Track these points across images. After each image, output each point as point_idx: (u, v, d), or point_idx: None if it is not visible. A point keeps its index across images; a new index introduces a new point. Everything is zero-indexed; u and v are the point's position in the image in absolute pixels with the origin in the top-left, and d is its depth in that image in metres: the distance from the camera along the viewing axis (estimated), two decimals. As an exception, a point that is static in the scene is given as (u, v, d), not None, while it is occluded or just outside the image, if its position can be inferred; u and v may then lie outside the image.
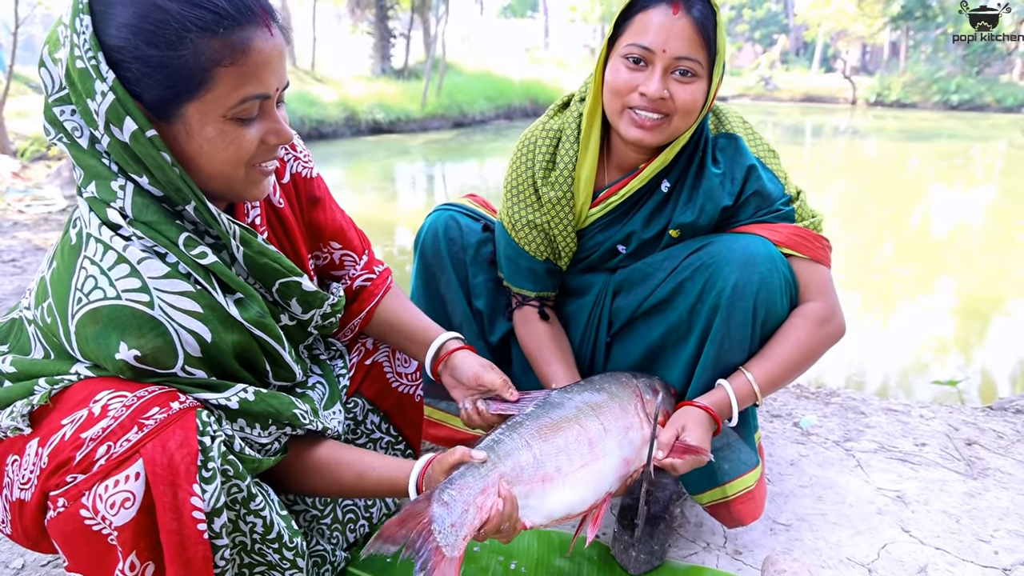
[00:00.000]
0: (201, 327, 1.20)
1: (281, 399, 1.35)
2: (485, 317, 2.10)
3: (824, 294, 1.76)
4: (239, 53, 1.13)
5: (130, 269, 1.15)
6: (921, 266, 7.04)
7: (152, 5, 1.09)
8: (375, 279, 1.73)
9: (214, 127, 1.17)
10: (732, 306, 1.68)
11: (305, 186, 1.58)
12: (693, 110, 1.67)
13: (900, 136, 19.76)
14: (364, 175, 13.18)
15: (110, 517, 1.07)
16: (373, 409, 1.81)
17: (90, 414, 1.11)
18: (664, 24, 1.60)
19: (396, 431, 1.86)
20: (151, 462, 1.10)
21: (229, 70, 1.13)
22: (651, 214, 1.83)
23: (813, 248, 1.76)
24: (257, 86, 1.17)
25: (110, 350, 1.14)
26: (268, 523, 1.30)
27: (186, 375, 1.21)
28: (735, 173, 1.77)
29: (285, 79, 1.24)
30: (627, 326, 1.91)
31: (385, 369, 1.82)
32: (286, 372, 1.43)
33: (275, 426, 1.35)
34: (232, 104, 1.16)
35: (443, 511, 1.27)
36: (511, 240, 1.93)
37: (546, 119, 1.91)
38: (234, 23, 1.12)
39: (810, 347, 1.73)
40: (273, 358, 1.38)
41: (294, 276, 1.39)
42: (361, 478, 1.44)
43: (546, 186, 1.86)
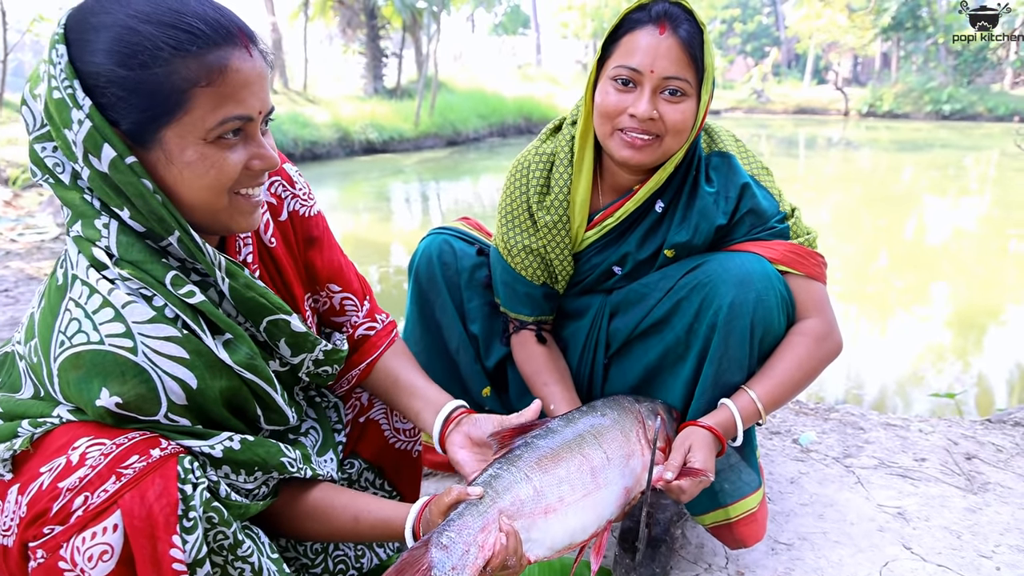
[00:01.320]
0: (187, 373, 1.17)
1: (268, 447, 1.32)
2: (481, 341, 2.09)
3: (821, 311, 1.76)
4: (216, 73, 1.12)
5: (114, 313, 1.12)
6: (916, 277, 7.04)
7: (126, 28, 1.08)
8: (379, 330, 1.69)
9: (194, 151, 1.14)
10: (730, 324, 1.67)
11: (302, 225, 1.55)
12: (684, 129, 1.67)
13: (893, 147, 19.86)
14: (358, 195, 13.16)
15: (89, 570, 1.05)
16: (369, 467, 1.78)
17: (68, 462, 1.09)
18: (651, 45, 1.61)
19: (391, 486, 1.82)
20: (129, 514, 1.07)
21: (206, 91, 1.11)
22: (646, 235, 1.83)
23: (808, 265, 1.76)
24: (236, 107, 1.15)
25: (91, 396, 1.11)
26: (257, 568, 1.26)
27: (169, 422, 1.18)
28: (729, 191, 1.77)
29: (269, 104, 1.21)
30: (625, 347, 1.90)
31: (383, 427, 1.78)
32: (279, 416, 1.39)
33: (261, 471, 1.32)
34: (211, 126, 1.13)
35: (442, 555, 1.22)
36: (507, 266, 1.93)
37: (539, 143, 1.91)
38: (209, 43, 1.11)
39: (810, 364, 1.73)
40: (265, 402, 1.35)
41: (282, 314, 1.35)
42: (356, 521, 1.40)
43: (541, 210, 1.85)
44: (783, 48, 48.33)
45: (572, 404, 1.85)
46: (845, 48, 36.00)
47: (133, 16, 1.09)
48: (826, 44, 36.94)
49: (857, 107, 31.79)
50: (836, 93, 33.76)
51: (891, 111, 30.39)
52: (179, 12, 1.11)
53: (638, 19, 1.64)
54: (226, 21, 1.14)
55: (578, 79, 34.54)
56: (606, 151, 1.76)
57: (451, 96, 23.21)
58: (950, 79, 30.63)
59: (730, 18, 48.08)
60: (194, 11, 1.12)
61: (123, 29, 1.08)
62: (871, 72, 41.77)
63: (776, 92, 37.56)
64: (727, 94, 36.61)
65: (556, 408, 1.84)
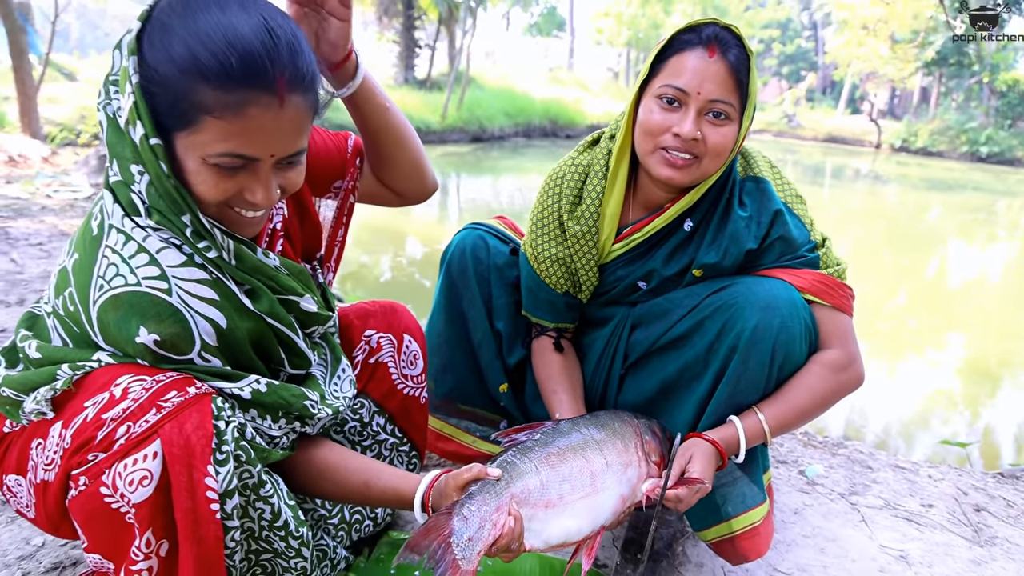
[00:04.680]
0: (217, 314, 1.24)
1: (292, 391, 1.38)
2: (505, 338, 2.10)
3: (844, 343, 1.75)
4: (230, 111, 1.12)
5: (149, 258, 1.19)
6: (933, 320, 6.98)
7: (180, 31, 1.11)
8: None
9: (193, 163, 1.18)
10: (750, 348, 1.67)
11: None
12: (724, 152, 1.68)
13: (923, 185, 19.69)
14: None
15: (128, 495, 1.11)
16: (379, 411, 1.82)
17: (111, 396, 1.15)
18: (699, 67, 1.62)
19: (401, 433, 1.86)
20: (168, 442, 1.13)
21: (217, 122, 1.13)
22: (672, 252, 1.83)
23: (836, 296, 1.75)
24: (243, 147, 1.16)
25: (130, 334, 1.18)
26: (276, 511, 1.33)
27: (203, 361, 1.24)
28: (761, 217, 1.77)
29: (290, 149, 1.22)
30: (643, 360, 1.90)
31: (391, 370, 1.81)
32: (301, 360, 1.45)
33: (285, 419, 1.37)
34: (212, 153, 1.16)
35: (462, 525, 1.32)
36: (533, 272, 1.95)
37: (575, 155, 1.93)
38: (235, 81, 1.11)
39: (824, 394, 1.73)
40: (288, 346, 1.41)
41: (292, 295, 1.40)
42: (367, 486, 1.46)
43: (571, 220, 1.87)
44: (820, 73, 48.14)
45: (577, 412, 1.86)
46: (884, 79, 35.76)
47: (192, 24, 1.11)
48: (864, 73, 36.74)
49: (890, 141, 31.56)
50: (869, 124, 33.56)
51: (925, 148, 30.08)
52: (228, 40, 1.10)
53: (688, 40, 1.65)
54: (269, 63, 1.12)
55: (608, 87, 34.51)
56: (645, 168, 1.76)
57: (480, 92, 23.26)
58: (991, 120, 30.07)
59: (769, 39, 47.98)
60: (243, 44, 1.11)
61: (179, 31, 1.11)
62: (908, 106, 41.46)
63: (808, 118, 37.46)
64: (758, 115, 35.60)
65: (561, 415, 1.85)
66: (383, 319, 1.81)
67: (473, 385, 2.17)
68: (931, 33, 29.79)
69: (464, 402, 2.19)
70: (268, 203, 1.24)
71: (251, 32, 1.11)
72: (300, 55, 1.17)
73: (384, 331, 1.80)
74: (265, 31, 1.12)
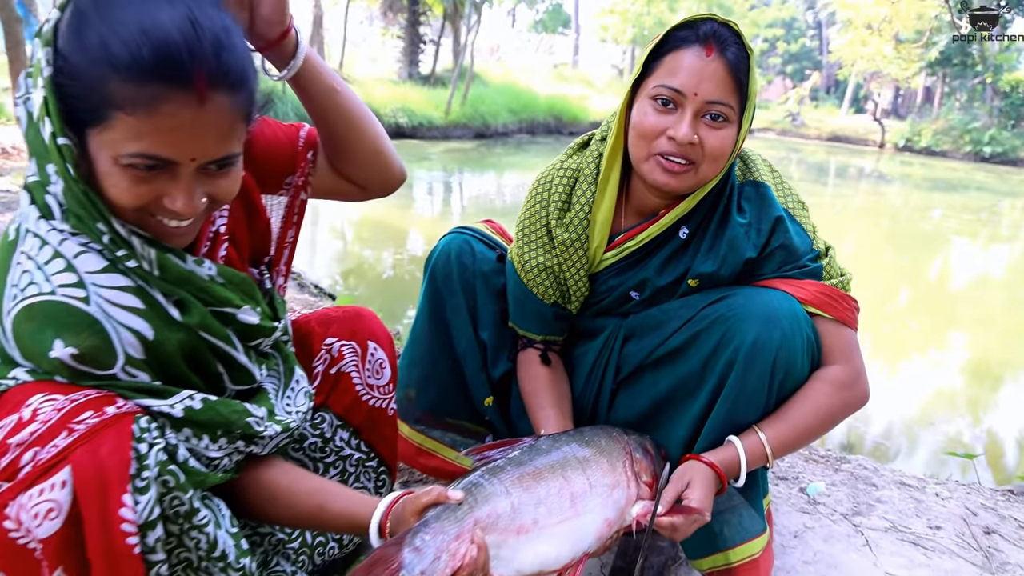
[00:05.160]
0: (142, 324, 1.14)
1: (232, 407, 1.26)
2: (489, 349, 2.00)
3: (848, 358, 1.66)
4: (142, 107, 1.01)
5: (65, 264, 1.10)
6: (936, 321, 6.88)
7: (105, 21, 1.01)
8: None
9: (106, 164, 1.08)
10: (749, 363, 1.57)
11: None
12: (722, 156, 1.58)
13: (926, 184, 19.61)
14: None
15: (34, 529, 1.00)
16: (343, 424, 1.69)
17: (20, 419, 1.04)
18: (696, 66, 1.52)
19: (368, 447, 1.74)
20: (79, 469, 1.02)
21: (128, 119, 1.02)
22: (666, 261, 1.74)
23: (840, 308, 1.65)
24: (157, 147, 1.05)
25: (45, 347, 1.08)
26: (212, 540, 1.21)
27: (128, 377, 1.14)
28: (761, 224, 1.67)
29: (215, 152, 1.10)
30: (635, 374, 1.81)
31: (354, 380, 1.69)
32: (243, 375, 1.33)
33: (226, 438, 1.25)
34: (124, 153, 1.05)
35: (414, 557, 1.19)
36: (520, 281, 1.85)
37: (564, 158, 1.82)
38: (148, 75, 1.00)
39: (828, 413, 1.63)
40: (226, 360, 1.29)
41: (227, 307, 1.28)
42: (321, 509, 1.35)
43: (560, 227, 1.77)
44: (824, 73, 47.99)
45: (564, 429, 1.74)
46: (888, 79, 35.59)
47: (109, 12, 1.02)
48: (868, 73, 36.59)
49: (893, 140, 31.43)
50: (873, 124, 33.42)
51: (928, 147, 29.93)
52: (143, 29, 1.00)
53: (684, 38, 1.55)
54: (187, 56, 1.01)
55: (612, 84, 34.39)
56: (639, 174, 1.66)
57: (484, 88, 23.14)
58: (994, 120, 29.97)
59: (773, 37, 47.83)
60: (159, 34, 1.00)
61: (95, 20, 1.03)
62: (912, 106, 41.30)
63: (812, 116, 37.31)
64: (761, 114, 36.33)
65: (547, 433, 1.72)
66: (346, 326, 1.69)
67: (458, 397, 2.06)
68: (935, 33, 29.59)
69: (449, 414, 2.08)
70: (190, 212, 1.13)
71: (171, 22, 1.00)
72: (228, 50, 1.06)
73: (347, 339, 1.68)
74: (188, 21, 1.01)
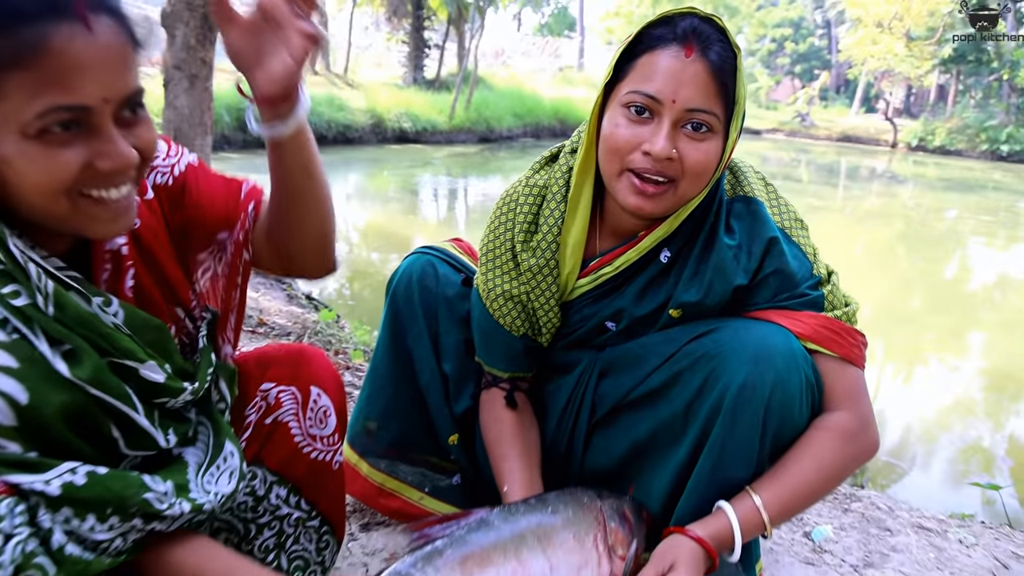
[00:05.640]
0: (15, 386, 0.95)
1: (127, 480, 1.06)
2: (452, 383, 1.81)
3: (854, 402, 1.44)
4: (30, 54, 0.88)
5: None
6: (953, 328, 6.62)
7: None
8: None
9: (13, 146, 0.91)
10: (737, 409, 1.37)
11: (169, 195, 1.28)
12: (705, 172, 1.37)
13: (941, 184, 19.29)
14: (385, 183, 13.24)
15: None
16: (279, 480, 1.49)
17: None
18: (674, 69, 1.32)
19: (309, 505, 1.53)
20: None
21: (19, 75, 0.88)
22: (645, 288, 1.53)
23: (844, 344, 1.44)
24: (63, 95, 0.91)
25: None
26: None
27: None
28: (753, 246, 1.46)
29: (126, 88, 0.97)
30: (612, 414, 1.62)
31: (293, 431, 1.48)
32: (145, 439, 1.13)
33: (118, 516, 1.05)
34: (28, 119, 0.90)
35: None
36: (486, 311, 1.66)
37: (530, 174, 1.62)
38: (22, 16, 0.87)
39: (833, 469, 1.42)
40: (123, 422, 1.09)
41: (129, 360, 1.09)
42: None
43: (526, 252, 1.57)
44: (833, 72, 47.59)
45: (530, 488, 1.57)
46: (899, 77, 35.19)
47: None
48: (879, 71, 36.18)
49: (906, 140, 30.98)
50: (884, 123, 33.05)
51: (943, 147, 29.41)
52: None
53: (660, 36, 1.35)
54: None
55: (620, 86, 34.16)
56: (611, 194, 1.46)
57: (488, 92, 23.12)
58: (1011, 118, 29.29)
59: (781, 37, 47.50)
60: None
61: None
62: (925, 104, 40.78)
63: (821, 117, 36.98)
64: (770, 115, 36.09)
65: (509, 490, 1.56)
66: (287, 368, 1.48)
67: (422, 431, 1.88)
68: (948, 30, 29.22)
69: (412, 450, 1.89)
70: (127, 161, 0.98)
71: None
72: None
73: (287, 383, 1.47)
74: None
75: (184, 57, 5.19)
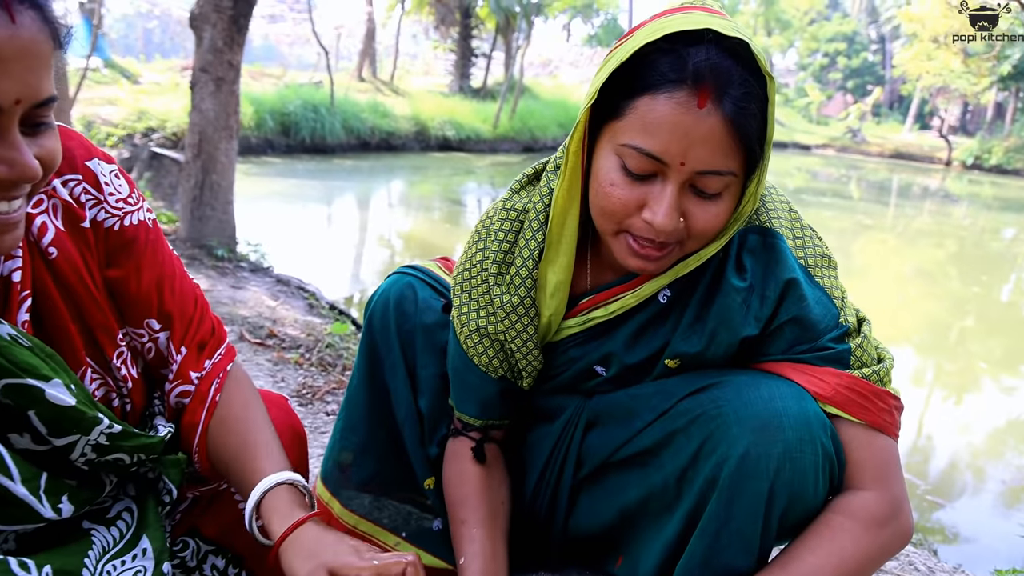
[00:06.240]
0: None
1: None
2: (426, 421, 1.61)
3: (884, 481, 1.20)
4: None
5: None
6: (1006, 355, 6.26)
7: None
8: (194, 392, 1.20)
9: None
10: (737, 486, 1.16)
11: (108, 238, 1.13)
12: (712, 233, 1.15)
13: (997, 204, 18.80)
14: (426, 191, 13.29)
15: None
16: (215, 550, 1.32)
17: None
18: (684, 124, 1.04)
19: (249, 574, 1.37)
20: None
21: None
22: (639, 332, 1.31)
23: (872, 410, 1.19)
24: None
25: None
26: None
27: None
28: (767, 289, 1.22)
29: (40, 91, 0.86)
30: (600, 472, 1.42)
31: (236, 496, 1.32)
32: (20, 512, 0.96)
33: None
34: None
35: None
36: (459, 347, 1.46)
37: (509, 195, 1.39)
38: None
39: (857, 563, 1.17)
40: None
41: (31, 378, 0.94)
42: None
43: (499, 287, 1.35)
44: (887, 88, 46.77)
45: (490, 561, 1.36)
46: (955, 94, 34.45)
47: None
48: (934, 88, 35.45)
49: (961, 158, 30.29)
50: (938, 141, 32.39)
51: (999, 166, 28.70)
52: None
53: (665, 74, 1.06)
54: None
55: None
56: (605, 246, 1.24)
57: (534, 102, 23.11)
58: (1073, 138, 28.72)
59: (834, 52, 46.84)
60: None
61: None
62: (981, 122, 39.85)
63: (873, 133, 36.42)
64: (820, 130, 35.61)
65: (466, 563, 1.36)
66: None
67: (399, 471, 1.67)
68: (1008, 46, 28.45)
69: (389, 491, 1.70)
70: (29, 172, 0.88)
71: None
72: None
73: None
74: None
75: (211, 60, 5.13)
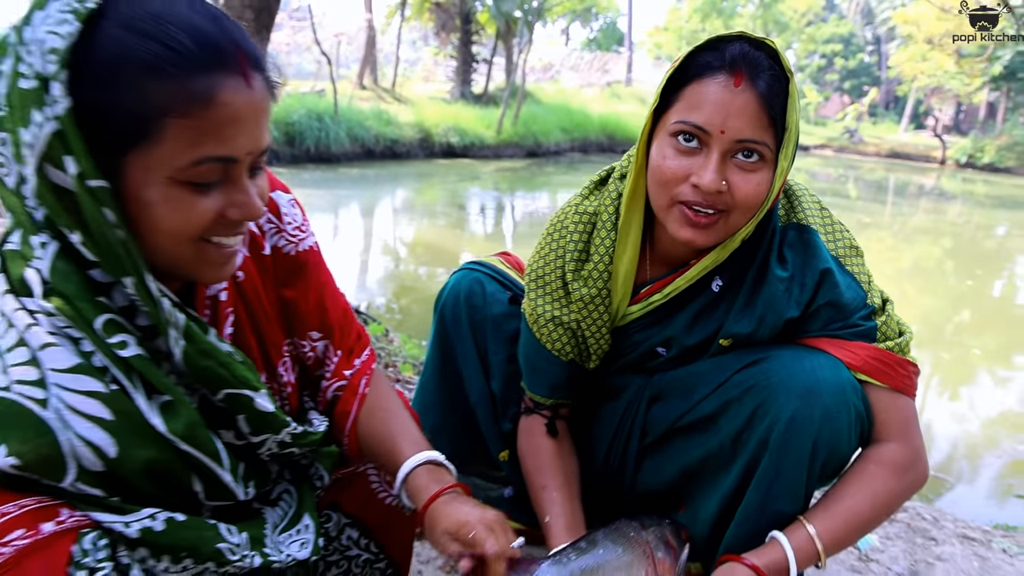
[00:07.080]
0: (105, 439, 0.96)
1: (201, 530, 1.08)
2: (499, 401, 1.85)
3: (906, 434, 1.45)
4: (197, 103, 0.90)
5: (30, 355, 0.93)
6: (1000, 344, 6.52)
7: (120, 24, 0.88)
8: (347, 386, 1.39)
9: (157, 190, 0.93)
10: (786, 445, 1.39)
11: (285, 262, 1.32)
12: (755, 204, 1.37)
13: (990, 202, 18.96)
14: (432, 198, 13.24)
15: None
16: (352, 523, 1.52)
17: None
18: (723, 99, 1.30)
19: (378, 548, 1.56)
20: None
21: (181, 123, 0.90)
22: (696, 317, 1.55)
23: (896, 376, 1.44)
24: (218, 146, 0.93)
25: None
26: None
27: (76, 492, 0.96)
28: (805, 278, 1.46)
29: (263, 143, 1.00)
30: (663, 439, 1.64)
31: (371, 478, 1.52)
32: (223, 492, 1.15)
33: (192, 559, 1.07)
34: (182, 165, 0.92)
35: None
36: (532, 336, 1.67)
37: (579, 199, 1.63)
38: (194, 64, 0.90)
39: (885, 502, 1.43)
40: (206, 476, 1.11)
41: (246, 389, 1.12)
42: None
43: (578, 281, 1.58)
44: (882, 89, 46.99)
45: (572, 517, 1.58)
46: (949, 94, 34.67)
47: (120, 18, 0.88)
48: (929, 88, 35.66)
49: (955, 156, 30.51)
50: (933, 140, 32.60)
51: (992, 164, 28.98)
52: (161, 20, 0.88)
53: (707, 64, 1.33)
54: (223, 38, 0.93)
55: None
56: (662, 224, 1.46)
57: (536, 107, 23.04)
58: (1064, 136, 28.92)
59: (831, 53, 47.00)
60: (182, 20, 0.90)
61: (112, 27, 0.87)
62: (974, 121, 40.17)
63: (870, 133, 36.57)
64: (818, 130, 35.66)
65: (551, 521, 1.57)
66: None
67: (473, 447, 1.92)
68: (999, 47, 28.70)
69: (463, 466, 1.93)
70: (257, 213, 1.02)
71: (190, 9, 0.92)
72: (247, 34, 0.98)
73: None
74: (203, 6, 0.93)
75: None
